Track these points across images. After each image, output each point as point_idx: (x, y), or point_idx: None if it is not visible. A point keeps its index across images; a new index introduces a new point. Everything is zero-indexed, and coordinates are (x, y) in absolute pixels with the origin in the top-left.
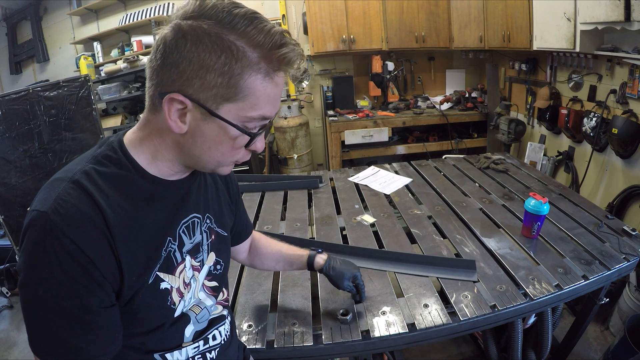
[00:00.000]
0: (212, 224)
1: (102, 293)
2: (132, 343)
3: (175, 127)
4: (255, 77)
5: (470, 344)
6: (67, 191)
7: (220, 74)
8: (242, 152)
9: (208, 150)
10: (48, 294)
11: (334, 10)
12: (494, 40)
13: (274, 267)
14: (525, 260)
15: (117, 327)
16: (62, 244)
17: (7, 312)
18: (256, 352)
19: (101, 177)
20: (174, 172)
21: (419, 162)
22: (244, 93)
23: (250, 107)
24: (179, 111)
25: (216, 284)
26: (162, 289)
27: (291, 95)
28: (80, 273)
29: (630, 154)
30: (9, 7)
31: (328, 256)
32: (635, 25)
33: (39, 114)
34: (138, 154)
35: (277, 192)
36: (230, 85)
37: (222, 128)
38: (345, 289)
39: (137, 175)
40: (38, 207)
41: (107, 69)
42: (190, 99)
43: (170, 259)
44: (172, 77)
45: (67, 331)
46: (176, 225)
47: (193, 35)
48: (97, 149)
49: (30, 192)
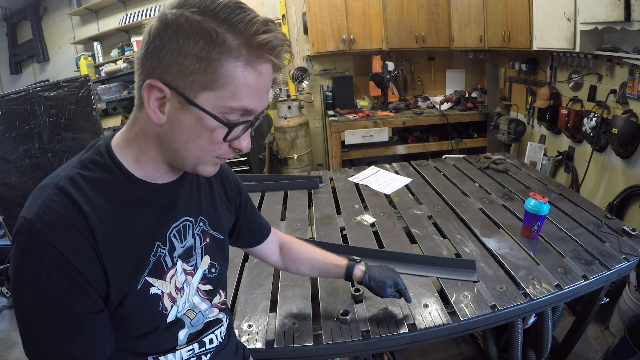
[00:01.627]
0: (205, 227)
1: (88, 299)
2: (125, 346)
3: (154, 116)
4: (235, 64)
5: (470, 344)
6: (51, 198)
7: (197, 59)
8: (223, 148)
9: (186, 143)
10: (35, 300)
11: (334, 10)
12: (494, 40)
13: (309, 274)
14: (525, 260)
15: (106, 332)
16: (46, 251)
17: (7, 312)
18: (256, 352)
19: (86, 182)
20: (160, 174)
21: (419, 162)
22: (223, 81)
23: (229, 97)
24: (158, 100)
25: (211, 287)
26: (152, 295)
27: (291, 95)
28: (65, 280)
29: (630, 154)
30: (9, 7)
31: (366, 266)
32: (635, 25)
33: (39, 114)
34: (124, 155)
35: (277, 192)
36: (208, 71)
37: (200, 118)
38: (389, 296)
39: (124, 179)
40: (25, 214)
41: (107, 69)
42: (168, 86)
43: (159, 264)
44: (153, 65)
45: (57, 336)
46: (166, 230)
47: (175, 23)
48: (85, 153)
49: (30, 192)
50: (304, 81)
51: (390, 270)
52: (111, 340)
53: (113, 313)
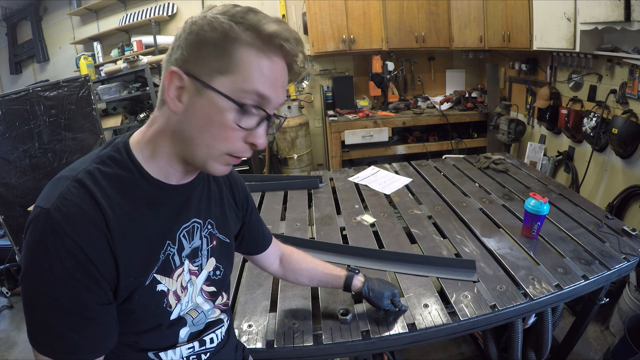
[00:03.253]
0: (213, 230)
1: (100, 290)
2: (126, 341)
3: (172, 104)
4: (249, 50)
5: (470, 344)
6: (70, 190)
7: (213, 46)
8: (237, 142)
9: (199, 130)
10: (46, 289)
11: (334, 10)
12: (494, 40)
13: (308, 284)
14: (525, 260)
15: (112, 325)
16: (62, 242)
17: (7, 312)
18: (256, 352)
19: (104, 177)
20: (174, 170)
21: (419, 162)
22: (237, 64)
23: (243, 80)
24: (177, 89)
25: (215, 289)
26: (158, 291)
27: (291, 95)
28: (78, 271)
29: (630, 154)
30: (9, 7)
31: (365, 278)
32: (635, 25)
33: (39, 114)
34: (141, 153)
35: (277, 192)
36: (223, 56)
37: (214, 101)
38: (386, 308)
39: (140, 177)
40: (42, 203)
41: (107, 69)
42: (187, 73)
43: (168, 262)
44: (175, 57)
45: (64, 326)
46: (176, 230)
47: (198, 23)
48: (103, 149)
49: (30, 192)
50: (304, 81)
51: (388, 283)
52: (115, 334)
53: (119, 307)
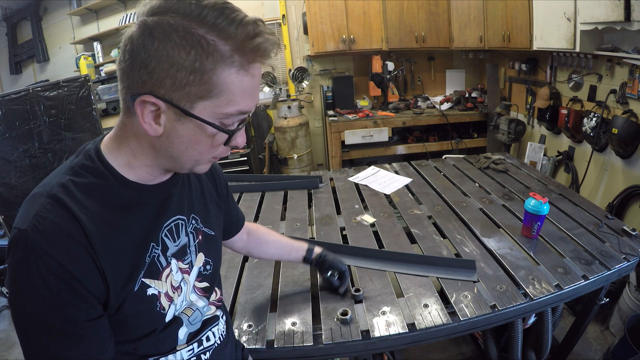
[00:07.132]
0: (198, 224)
1: (88, 306)
2: (125, 349)
3: (150, 129)
4: (229, 71)
5: (470, 344)
6: (44, 207)
7: (191, 71)
8: (220, 149)
9: (185, 150)
10: (35, 310)
11: (334, 10)
12: (494, 40)
13: (272, 255)
14: (525, 260)
15: (106, 338)
16: (44, 262)
17: (7, 312)
18: (256, 352)
19: (79, 188)
20: (153, 177)
21: (419, 162)
22: (219, 89)
23: (226, 103)
24: (152, 113)
25: (207, 284)
26: (149, 295)
27: (291, 95)
28: (64, 289)
29: (630, 154)
30: (9, 7)
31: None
32: (635, 25)
33: (39, 114)
34: (115, 159)
35: (277, 192)
36: (203, 82)
37: (199, 127)
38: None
39: (116, 183)
40: (19, 224)
41: (107, 69)
42: (162, 99)
43: (154, 265)
44: (142, 78)
45: (57, 345)
46: (159, 230)
47: (160, 32)
48: (74, 158)
49: (30, 192)
50: (304, 81)
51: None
52: (112, 345)
53: (112, 317)
